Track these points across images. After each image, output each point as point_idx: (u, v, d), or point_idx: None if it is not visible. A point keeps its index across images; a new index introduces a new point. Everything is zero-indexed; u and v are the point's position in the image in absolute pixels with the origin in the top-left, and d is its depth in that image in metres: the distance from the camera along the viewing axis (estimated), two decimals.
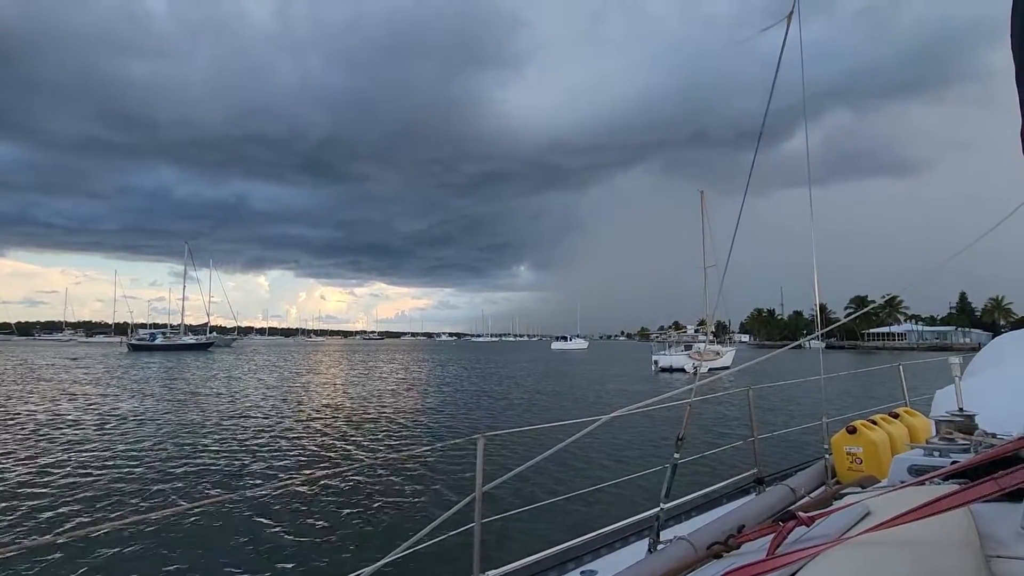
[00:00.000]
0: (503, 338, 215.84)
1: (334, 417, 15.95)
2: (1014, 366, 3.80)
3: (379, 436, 13.19)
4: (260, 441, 12.29)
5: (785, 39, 2.63)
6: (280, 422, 14.88)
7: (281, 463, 10.39)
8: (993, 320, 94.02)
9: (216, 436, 12.72)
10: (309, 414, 16.46)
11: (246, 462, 10.39)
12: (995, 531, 1.30)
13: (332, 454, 11.25)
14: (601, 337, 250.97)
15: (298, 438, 12.72)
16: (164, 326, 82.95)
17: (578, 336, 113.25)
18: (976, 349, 5.21)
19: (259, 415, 16.07)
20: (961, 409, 2.68)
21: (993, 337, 5.32)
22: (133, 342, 66.61)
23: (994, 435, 2.35)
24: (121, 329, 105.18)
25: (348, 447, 11.92)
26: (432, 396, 21.84)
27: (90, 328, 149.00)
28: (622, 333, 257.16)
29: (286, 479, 9.09)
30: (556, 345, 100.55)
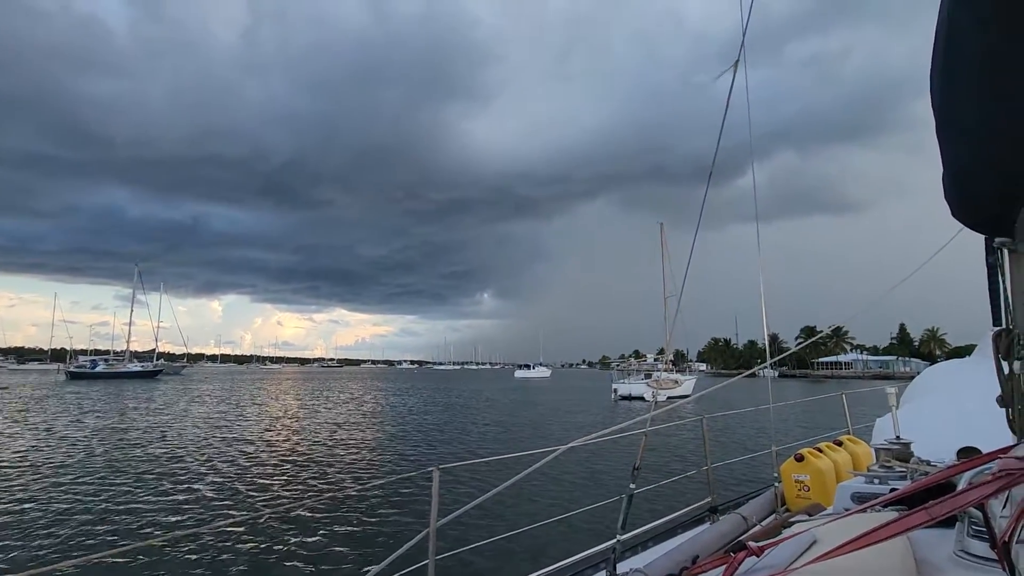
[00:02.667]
0: (466, 366, 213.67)
1: (284, 451, 15.31)
2: (943, 396, 4.04)
3: (330, 470, 12.69)
4: (200, 478, 11.64)
5: (732, 84, 2.81)
6: (225, 457, 14.16)
7: (220, 502, 9.81)
8: (930, 350, 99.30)
9: (152, 472, 11.98)
10: (256, 448, 15.74)
11: (182, 500, 9.78)
12: (930, 556, 1.38)
13: (279, 490, 10.73)
14: (563, 365, 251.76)
15: (242, 475, 12.10)
16: (107, 352, 78.48)
17: (541, 364, 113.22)
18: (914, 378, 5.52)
19: (202, 449, 15.26)
20: (898, 437, 2.81)
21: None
22: (72, 369, 62.46)
23: (928, 462, 2.47)
24: (58, 355, 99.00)
25: (296, 483, 11.41)
26: (389, 428, 21.28)
27: (22, 354, 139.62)
28: (583, 361, 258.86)
29: (225, 519, 8.58)
30: (519, 373, 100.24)
